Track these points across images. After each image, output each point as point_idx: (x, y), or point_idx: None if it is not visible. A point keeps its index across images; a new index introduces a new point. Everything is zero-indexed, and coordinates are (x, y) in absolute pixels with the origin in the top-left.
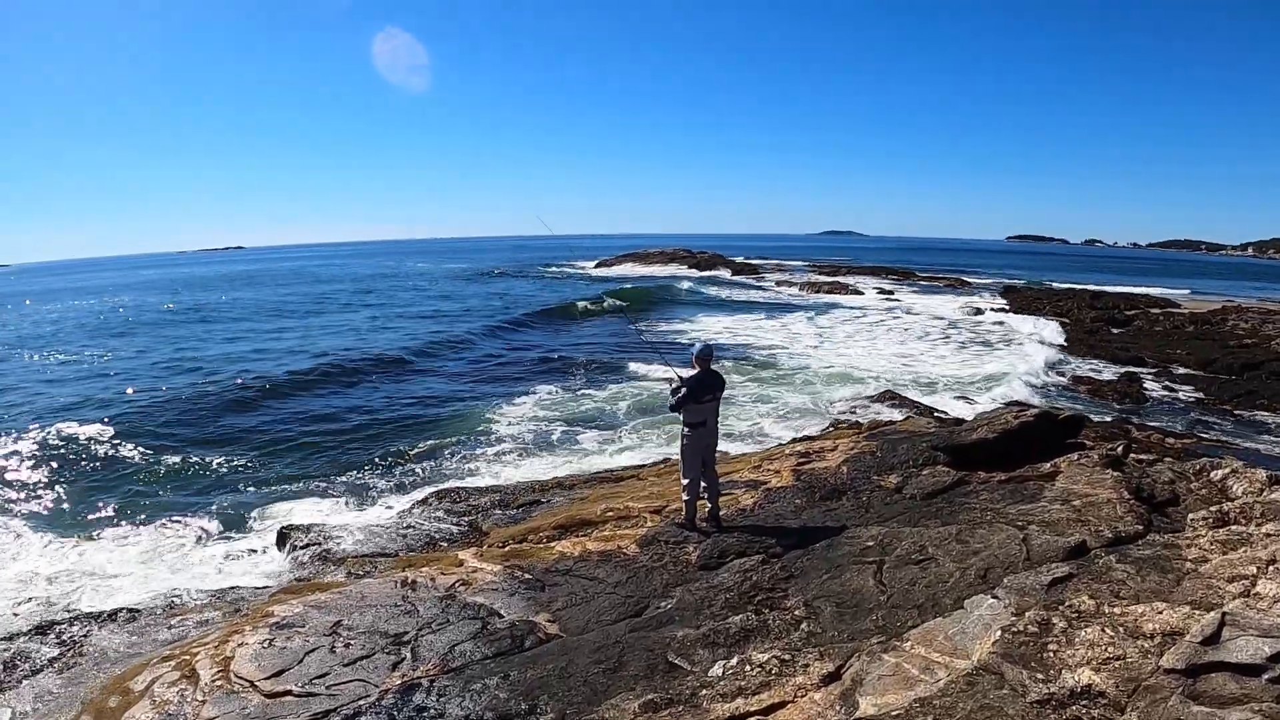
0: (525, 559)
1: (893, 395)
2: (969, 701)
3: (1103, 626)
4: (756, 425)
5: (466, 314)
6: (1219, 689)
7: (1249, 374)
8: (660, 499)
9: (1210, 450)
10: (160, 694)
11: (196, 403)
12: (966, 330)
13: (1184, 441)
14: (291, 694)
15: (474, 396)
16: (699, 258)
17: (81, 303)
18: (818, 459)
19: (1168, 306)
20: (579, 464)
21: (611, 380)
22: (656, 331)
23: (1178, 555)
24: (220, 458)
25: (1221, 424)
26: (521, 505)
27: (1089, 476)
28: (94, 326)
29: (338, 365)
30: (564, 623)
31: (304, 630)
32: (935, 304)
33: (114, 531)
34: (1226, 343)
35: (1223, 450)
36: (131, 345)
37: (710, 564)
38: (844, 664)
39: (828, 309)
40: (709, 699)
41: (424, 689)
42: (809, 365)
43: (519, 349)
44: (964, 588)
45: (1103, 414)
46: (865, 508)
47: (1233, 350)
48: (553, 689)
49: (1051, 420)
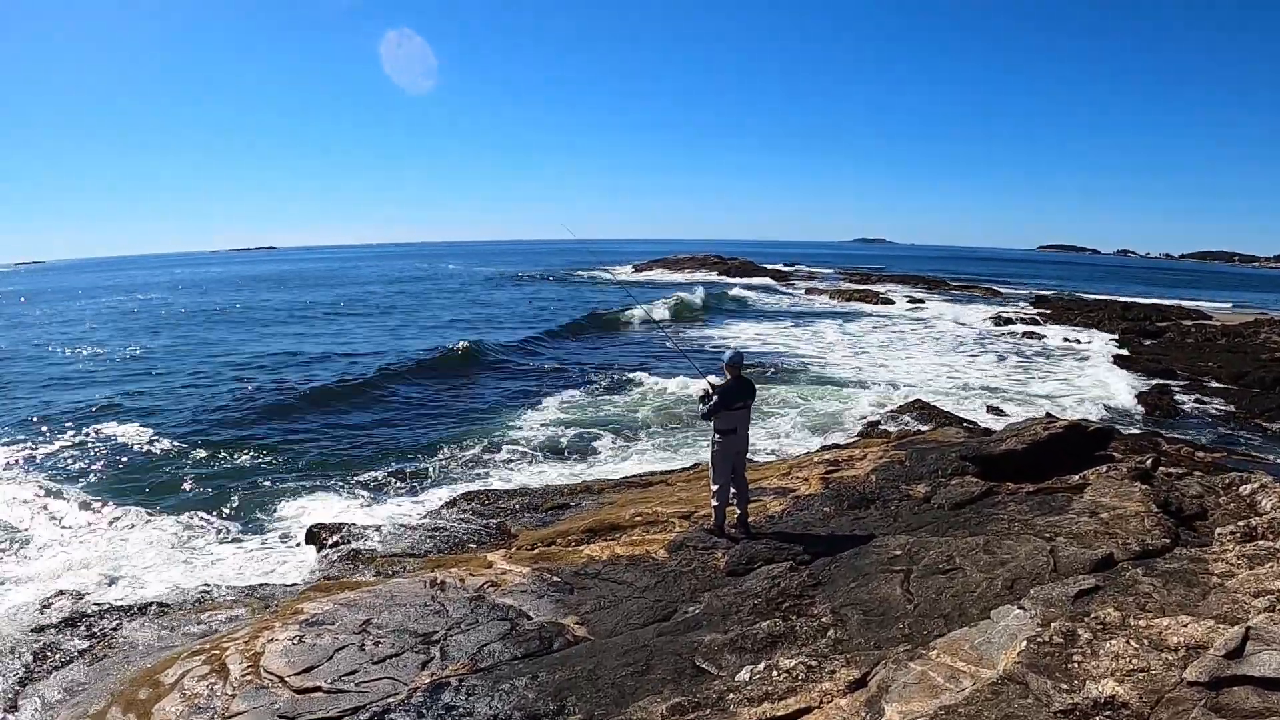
0: (554, 562)
1: (921, 405)
2: (993, 710)
3: (1127, 639)
4: (786, 433)
5: (497, 319)
6: (1241, 702)
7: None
8: (689, 505)
9: (1240, 465)
10: (190, 687)
11: (228, 402)
12: (1001, 341)
13: (1214, 455)
14: (321, 690)
15: (502, 401)
16: (730, 264)
17: (111, 299)
18: (846, 467)
19: (1199, 319)
20: (606, 469)
21: (639, 387)
22: (686, 338)
23: (1204, 569)
24: (251, 456)
25: (1252, 438)
26: (550, 508)
27: (1117, 489)
28: (126, 323)
29: (367, 368)
30: (592, 625)
31: (334, 628)
32: (967, 313)
33: (144, 526)
34: (1258, 356)
35: (1252, 465)
36: (162, 342)
37: (738, 570)
38: (870, 671)
39: (858, 317)
40: (736, 703)
41: (453, 688)
42: (839, 374)
43: (547, 355)
44: (990, 598)
45: (1132, 426)
46: (893, 517)
47: (1264, 364)
48: (581, 690)
49: (1081, 432)
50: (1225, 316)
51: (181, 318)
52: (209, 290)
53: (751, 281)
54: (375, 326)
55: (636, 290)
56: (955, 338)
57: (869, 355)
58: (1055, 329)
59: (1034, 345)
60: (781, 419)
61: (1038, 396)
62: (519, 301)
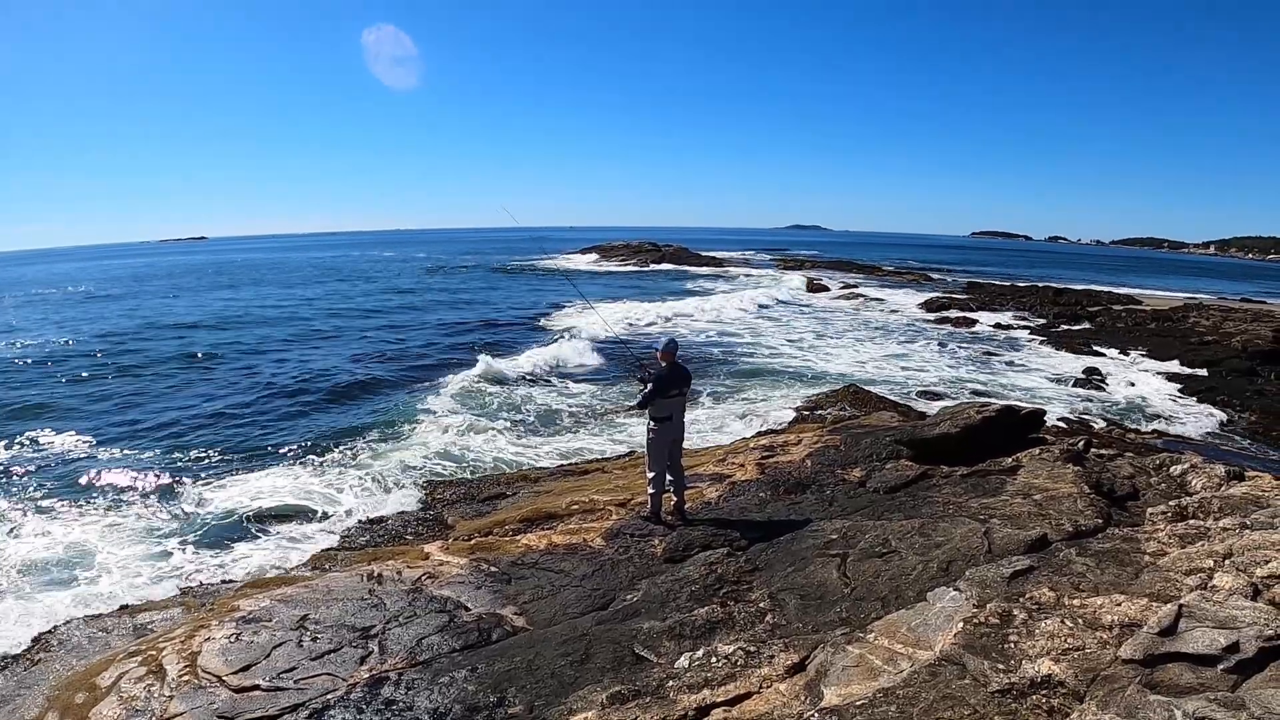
0: (491, 552)
1: (855, 390)
2: (931, 692)
3: (1062, 618)
4: (721, 420)
5: (427, 307)
6: (1175, 679)
7: (1209, 370)
8: (625, 492)
9: (1170, 445)
10: (127, 689)
11: (146, 390)
12: (934, 328)
13: (1144, 437)
14: (259, 688)
15: (429, 389)
16: (664, 251)
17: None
18: (782, 453)
19: (1130, 303)
20: (544, 457)
21: (574, 375)
22: (621, 325)
23: (1136, 549)
24: (174, 449)
25: (1181, 420)
26: (487, 498)
27: (1050, 471)
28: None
29: (297, 359)
30: (531, 615)
31: (271, 624)
32: (900, 298)
33: (72, 525)
34: (1187, 339)
35: (1182, 445)
36: (61, 331)
37: (676, 557)
38: (809, 655)
39: (794, 304)
40: (675, 690)
41: (392, 682)
42: (774, 361)
43: (482, 342)
44: (927, 580)
45: (1064, 409)
46: (829, 501)
47: (1194, 346)
48: (521, 681)
49: (1013, 415)
50: (1155, 301)
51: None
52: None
53: (687, 269)
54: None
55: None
56: (888, 324)
57: (803, 342)
58: (987, 314)
59: (966, 331)
60: (717, 406)
61: (971, 381)
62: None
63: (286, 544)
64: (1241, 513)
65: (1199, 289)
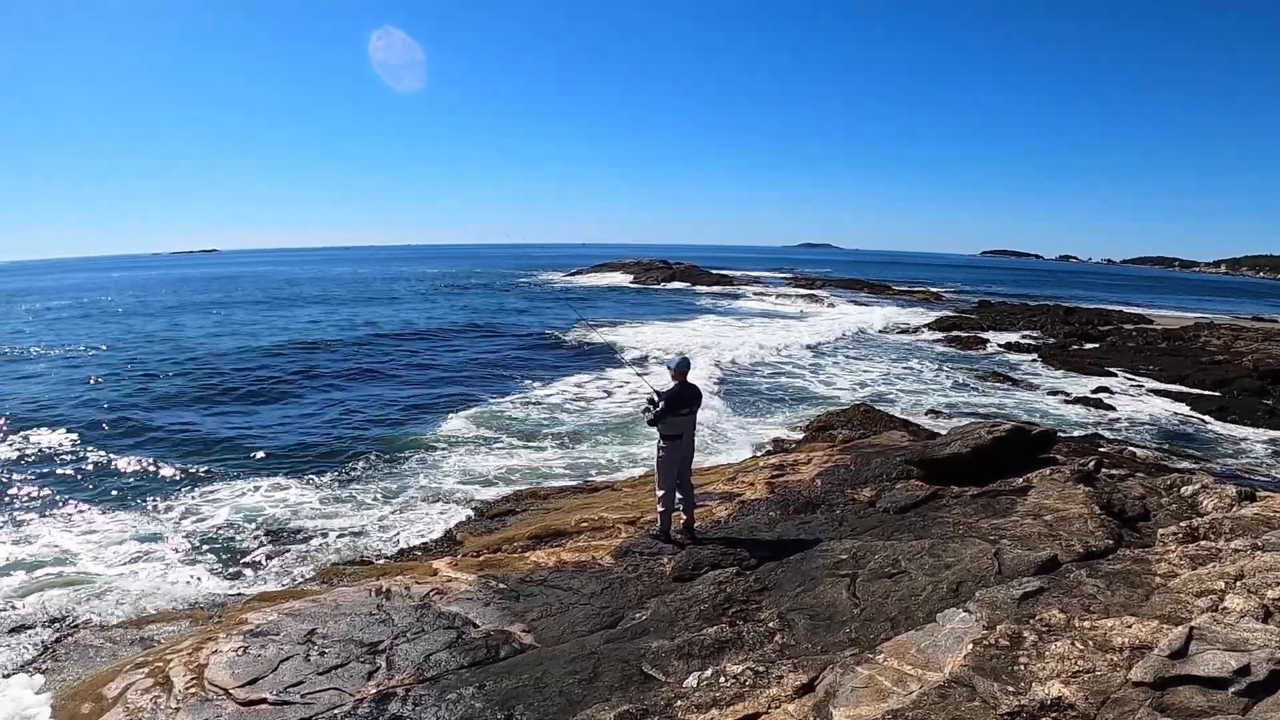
0: (500, 569)
1: (866, 409)
2: (941, 713)
3: (1073, 640)
4: (731, 438)
5: (442, 321)
6: (1186, 702)
7: (1221, 389)
8: (635, 510)
9: (1181, 466)
10: (134, 700)
11: (166, 406)
12: (945, 346)
13: (1155, 456)
14: (266, 702)
15: (445, 408)
16: (675, 269)
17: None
18: (791, 472)
19: (1141, 322)
20: (551, 477)
21: (584, 394)
22: (631, 345)
23: (1147, 570)
24: (189, 464)
25: (1193, 439)
26: (496, 515)
27: (1061, 491)
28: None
29: (314, 374)
30: (539, 633)
31: (278, 638)
32: (910, 317)
33: (80, 535)
34: (1199, 359)
35: (1194, 466)
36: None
37: (685, 575)
38: (817, 676)
39: (806, 319)
40: (683, 710)
41: (399, 698)
42: (787, 379)
43: (490, 364)
44: (936, 601)
45: (1075, 429)
46: (839, 521)
47: (1204, 366)
48: (528, 699)
49: (1024, 435)
50: (1166, 320)
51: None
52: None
53: (699, 288)
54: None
55: (579, 296)
56: (899, 343)
57: (815, 360)
58: (997, 334)
59: (978, 350)
60: (727, 424)
61: (981, 401)
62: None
63: (295, 558)
64: (1253, 534)
65: (1210, 308)
